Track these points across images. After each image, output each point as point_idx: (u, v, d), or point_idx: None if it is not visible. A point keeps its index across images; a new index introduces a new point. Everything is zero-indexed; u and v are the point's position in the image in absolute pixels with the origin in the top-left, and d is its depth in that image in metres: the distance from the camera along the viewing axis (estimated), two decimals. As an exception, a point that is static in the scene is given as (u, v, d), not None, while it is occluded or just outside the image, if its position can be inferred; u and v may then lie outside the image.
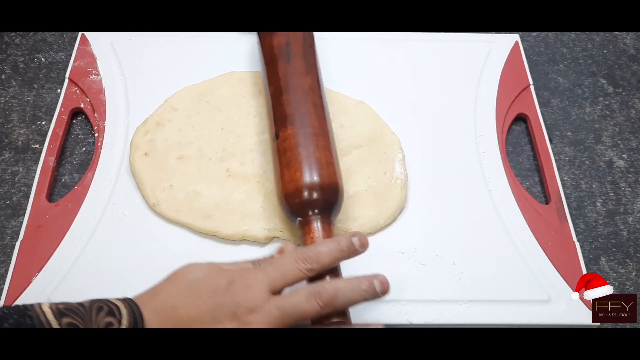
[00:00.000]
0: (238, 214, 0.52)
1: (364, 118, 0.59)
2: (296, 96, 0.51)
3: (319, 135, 0.49)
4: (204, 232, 0.52)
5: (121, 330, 0.35)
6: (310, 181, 0.47)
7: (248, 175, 0.55)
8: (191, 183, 0.54)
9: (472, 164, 0.57)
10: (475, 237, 0.53)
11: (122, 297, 0.38)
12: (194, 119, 0.58)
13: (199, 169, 0.55)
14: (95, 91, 0.60)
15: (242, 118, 0.59)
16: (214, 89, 0.61)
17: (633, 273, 0.54)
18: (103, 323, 0.36)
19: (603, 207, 0.58)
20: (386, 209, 0.53)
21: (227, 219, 0.52)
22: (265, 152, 0.56)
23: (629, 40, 0.71)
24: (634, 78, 0.67)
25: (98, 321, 0.35)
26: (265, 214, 0.52)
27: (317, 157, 0.48)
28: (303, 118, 0.50)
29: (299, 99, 0.51)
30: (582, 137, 0.62)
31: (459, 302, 0.49)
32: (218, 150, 0.56)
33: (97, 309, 0.36)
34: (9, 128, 0.60)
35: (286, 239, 0.51)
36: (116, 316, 0.36)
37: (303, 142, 0.49)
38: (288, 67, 0.53)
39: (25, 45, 0.66)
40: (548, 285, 0.50)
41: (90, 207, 0.53)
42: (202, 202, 0.53)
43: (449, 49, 0.66)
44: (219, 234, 0.52)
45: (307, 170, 0.47)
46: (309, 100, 0.51)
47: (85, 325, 0.35)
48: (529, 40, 0.70)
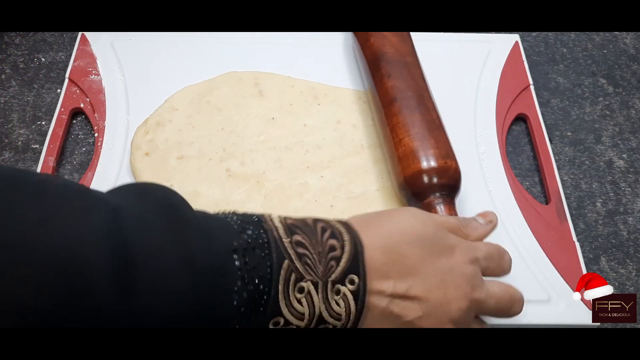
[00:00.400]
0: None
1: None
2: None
3: (438, 127, 0.52)
4: None
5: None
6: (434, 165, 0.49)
7: (248, 175, 0.55)
8: (191, 183, 0.54)
9: (472, 164, 0.57)
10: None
11: (341, 220, 0.38)
12: (194, 119, 0.58)
13: (199, 169, 0.55)
14: (95, 91, 0.60)
15: (242, 118, 0.59)
16: (214, 89, 0.60)
17: (633, 273, 0.54)
18: (328, 245, 0.35)
19: (603, 207, 0.58)
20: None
21: None
22: (265, 153, 0.56)
23: (629, 40, 0.71)
24: (634, 78, 0.67)
25: (324, 243, 0.35)
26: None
27: (433, 142, 0.50)
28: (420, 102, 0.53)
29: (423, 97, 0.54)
30: (582, 137, 0.62)
31: (459, 302, 0.49)
32: (218, 150, 0.56)
33: (322, 229, 0.36)
34: (9, 128, 0.60)
35: None
36: (339, 240, 0.36)
37: (419, 134, 0.51)
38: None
39: (25, 45, 0.66)
40: (548, 285, 0.50)
41: (91, 207, 0.53)
42: (202, 203, 0.53)
43: (449, 49, 0.66)
44: None
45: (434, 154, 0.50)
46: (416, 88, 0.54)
47: (311, 245, 0.34)
48: (529, 40, 0.70)
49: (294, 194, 0.54)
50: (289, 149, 0.57)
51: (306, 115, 0.59)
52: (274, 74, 0.62)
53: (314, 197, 0.54)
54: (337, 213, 0.53)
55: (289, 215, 0.36)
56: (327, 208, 0.53)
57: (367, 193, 0.54)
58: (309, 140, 0.57)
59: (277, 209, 0.53)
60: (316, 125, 0.59)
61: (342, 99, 0.61)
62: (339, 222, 0.37)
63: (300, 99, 0.60)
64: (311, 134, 0.58)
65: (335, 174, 0.55)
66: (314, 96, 0.60)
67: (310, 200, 0.54)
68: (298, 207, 0.53)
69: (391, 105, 0.53)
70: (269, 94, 0.60)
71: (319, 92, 0.61)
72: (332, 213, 0.53)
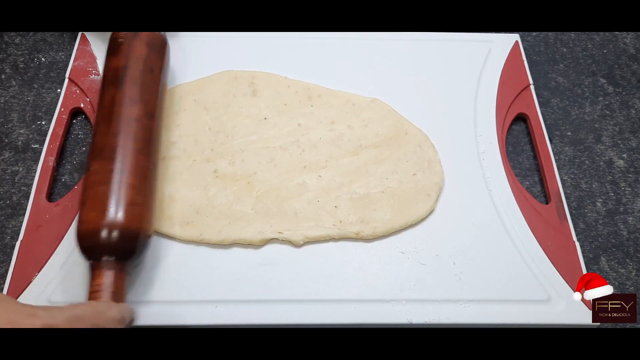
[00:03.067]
0: (225, 218, 0.51)
1: (381, 116, 0.59)
2: (114, 127, 0.48)
3: (130, 173, 0.46)
4: (184, 240, 0.51)
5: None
6: (104, 222, 0.44)
7: (238, 175, 0.54)
8: (169, 186, 0.53)
9: (472, 164, 0.57)
10: (475, 237, 0.53)
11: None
12: (179, 116, 0.57)
13: (181, 170, 0.54)
14: (95, 91, 0.60)
15: (231, 118, 0.58)
16: (204, 87, 0.60)
17: (633, 273, 0.54)
18: None
19: (603, 207, 0.58)
20: (409, 215, 0.53)
21: (211, 224, 0.51)
22: (256, 153, 0.56)
23: (629, 40, 0.71)
24: (634, 78, 0.67)
25: None
26: (257, 216, 0.52)
27: (118, 196, 0.45)
28: (116, 152, 0.47)
29: (117, 130, 0.48)
30: (582, 136, 0.62)
31: (459, 302, 0.49)
32: (205, 151, 0.55)
33: None
34: (9, 128, 0.60)
35: (286, 239, 0.51)
36: None
37: (107, 179, 0.45)
38: (117, 94, 0.50)
39: (25, 45, 0.66)
40: (548, 285, 0.50)
41: (90, 207, 0.52)
42: (177, 208, 0.52)
43: (449, 48, 0.66)
44: (205, 240, 0.51)
45: (102, 211, 0.44)
46: (130, 132, 0.48)
47: None
48: (529, 40, 0.70)
49: (290, 195, 0.53)
50: (284, 148, 0.56)
51: (300, 115, 0.59)
52: (271, 74, 0.62)
53: (315, 197, 0.53)
54: (342, 215, 0.52)
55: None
56: (331, 209, 0.53)
57: (372, 195, 0.54)
58: (305, 139, 0.57)
59: (272, 210, 0.52)
60: (310, 125, 0.58)
61: (335, 101, 0.60)
62: None
63: (295, 100, 0.60)
64: (307, 133, 0.57)
65: (333, 174, 0.55)
66: (308, 97, 0.60)
67: (312, 201, 0.53)
68: (298, 208, 0.53)
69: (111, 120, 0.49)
70: (262, 93, 0.60)
71: (313, 93, 0.60)
72: (336, 215, 0.52)
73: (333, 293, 0.49)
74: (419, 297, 0.49)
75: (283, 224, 0.52)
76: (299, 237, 0.51)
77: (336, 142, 0.57)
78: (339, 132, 0.58)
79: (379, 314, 0.48)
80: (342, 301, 0.49)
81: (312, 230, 0.52)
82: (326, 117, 0.59)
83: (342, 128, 0.58)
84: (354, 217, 0.52)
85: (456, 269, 0.51)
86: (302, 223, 0.52)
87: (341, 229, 0.52)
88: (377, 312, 0.48)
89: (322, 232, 0.52)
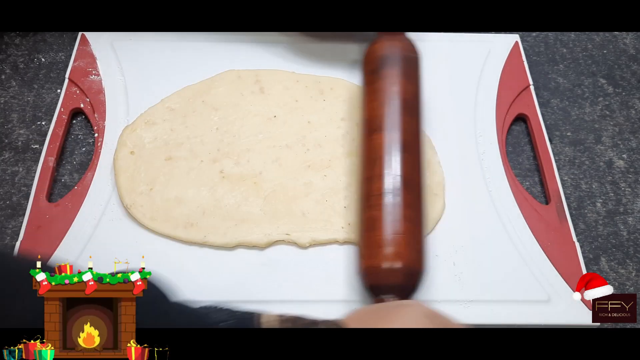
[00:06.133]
0: (230, 219, 0.51)
1: None
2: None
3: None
4: (188, 242, 0.51)
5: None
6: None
7: (243, 175, 0.54)
8: (176, 187, 0.53)
9: (472, 164, 0.57)
10: (475, 238, 0.53)
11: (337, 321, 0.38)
12: (188, 118, 0.57)
13: (188, 171, 0.54)
14: (95, 91, 0.60)
15: (239, 117, 0.58)
16: (211, 87, 0.60)
17: (633, 273, 0.54)
18: None
19: (603, 207, 0.58)
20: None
21: (216, 226, 0.51)
22: (262, 152, 0.55)
23: (629, 40, 0.71)
24: (634, 78, 0.67)
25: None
26: (265, 217, 0.52)
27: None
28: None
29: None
30: (582, 137, 0.62)
31: (459, 302, 0.49)
32: (212, 151, 0.55)
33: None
34: (9, 128, 0.60)
35: (293, 241, 0.51)
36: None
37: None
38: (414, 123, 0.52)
39: (25, 45, 0.66)
40: (548, 285, 0.50)
41: (90, 207, 0.53)
42: (183, 210, 0.51)
43: (448, 49, 0.66)
44: (209, 243, 0.50)
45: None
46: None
47: None
48: (529, 40, 0.70)
49: (298, 195, 0.53)
50: (289, 147, 0.56)
51: (312, 111, 0.58)
52: (276, 70, 0.61)
53: (323, 197, 0.53)
54: (352, 216, 0.52)
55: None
56: (340, 209, 0.53)
57: None
58: (311, 137, 0.57)
59: (280, 211, 0.52)
60: (320, 122, 0.58)
61: (348, 94, 0.59)
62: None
63: (306, 95, 0.59)
64: (315, 130, 0.57)
65: (339, 173, 0.55)
66: (320, 91, 0.59)
67: (320, 201, 0.53)
68: (307, 209, 0.52)
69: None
70: (271, 91, 0.59)
71: (325, 87, 0.60)
72: (347, 216, 0.52)
73: (334, 293, 0.49)
74: (418, 298, 0.49)
75: (291, 225, 0.51)
76: (306, 239, 0.51)
77: (340, 141, 0.57)
78: (345, 130, 0.57)
79: (379, 314, 0.48)
80: (342, 302, 0.49)
81: (319, 232, 0.51)
82: (337, 112, 0.58)
83: (350, 126, 0.57)
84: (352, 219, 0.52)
85: (456, 269, 0.51)
86: (310, 224, 0.51)
87: (349, 233, 0.51)
88: (377, 312, 0.48)
89: (330, 236, 0.51)
